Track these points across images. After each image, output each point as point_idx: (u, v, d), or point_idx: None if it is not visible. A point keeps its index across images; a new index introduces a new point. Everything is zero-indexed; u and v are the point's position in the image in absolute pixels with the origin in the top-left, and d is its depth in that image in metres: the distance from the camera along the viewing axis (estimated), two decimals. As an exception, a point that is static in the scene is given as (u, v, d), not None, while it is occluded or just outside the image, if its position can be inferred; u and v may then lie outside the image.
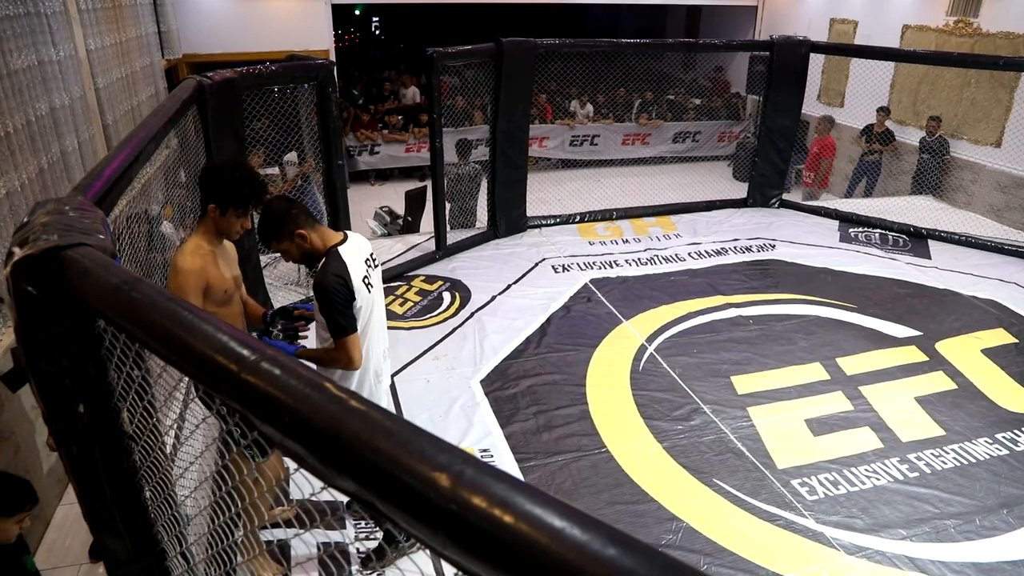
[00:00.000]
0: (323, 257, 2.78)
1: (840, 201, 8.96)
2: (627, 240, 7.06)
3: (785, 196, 8.04)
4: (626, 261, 6.53)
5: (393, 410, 3.31)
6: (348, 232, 2.95)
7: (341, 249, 2.80)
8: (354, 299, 2.76)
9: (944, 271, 6.37)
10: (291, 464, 0.90)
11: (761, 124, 7.76)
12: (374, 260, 3.00)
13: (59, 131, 5.45)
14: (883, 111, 9.65)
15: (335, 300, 2.70)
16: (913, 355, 4.96)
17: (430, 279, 6.08)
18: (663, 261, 6.52)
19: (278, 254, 2.88)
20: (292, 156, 6.20)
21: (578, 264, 6.45)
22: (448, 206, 6.83)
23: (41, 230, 1.36)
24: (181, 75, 10.34)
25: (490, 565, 0.66)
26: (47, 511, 4.62)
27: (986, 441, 4.12)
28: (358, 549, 3.29)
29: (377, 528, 3.35)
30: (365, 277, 2.85)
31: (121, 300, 1.15)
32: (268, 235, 2.80)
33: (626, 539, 0.63)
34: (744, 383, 4.63)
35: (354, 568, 3.21)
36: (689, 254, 6.70)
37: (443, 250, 6.47)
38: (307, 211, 2.84)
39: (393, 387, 4.56)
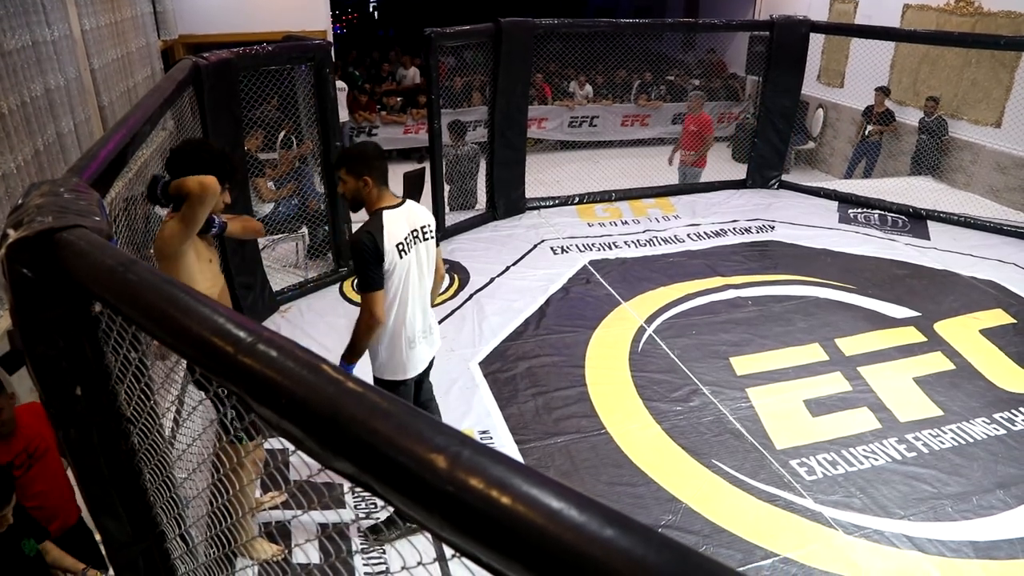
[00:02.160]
0: (370, 212, 3.00)
1: (839, 182, 8.93)
2: (626, 222, 7.05)
3: (784, 177, 8.02)
4: (625, 243, 6.52)
5: (425, 385, 3.50)
6: (409, 201, 3.12)
7: (387, 213, 2.97)
8: (383, 260, 2.92)
9: (943, 252, 6.37)
10: (289, 446, 0.89)
11: (760, 105, 7.73)
12: (425, 232, 3.13)
13: (54, 112, 5.41)
14: (882, 91, 9.60)
15: (364, 256, 2.90)
16: (911, 336, 4.96)
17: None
18: (662, 243, 6.51)
19: (339, 186, 3.09)
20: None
21: (577, 246, 6.44)
22: (447, 187, 6.81)
23: (36, 212, 1.35)
24: (177, 56, 10.26)
25: (487, 546, 0.66)
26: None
27: (984, 421, 4.13)
28: (359, 528, 3.31)
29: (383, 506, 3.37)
30: (402, 244, 2.98)
31: (117, 282, 1.14)
32: (349, 161, 2.98)
33: (623, 519, 0.63)
34: (743, 364, 4.64)
35: (358, 540, 3.23)
36: (688, 235, 6.69)
37: (442, 232, 6.45)
38: (386, 170, 3.05)
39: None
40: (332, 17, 11.79)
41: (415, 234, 3.07)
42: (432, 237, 3.19)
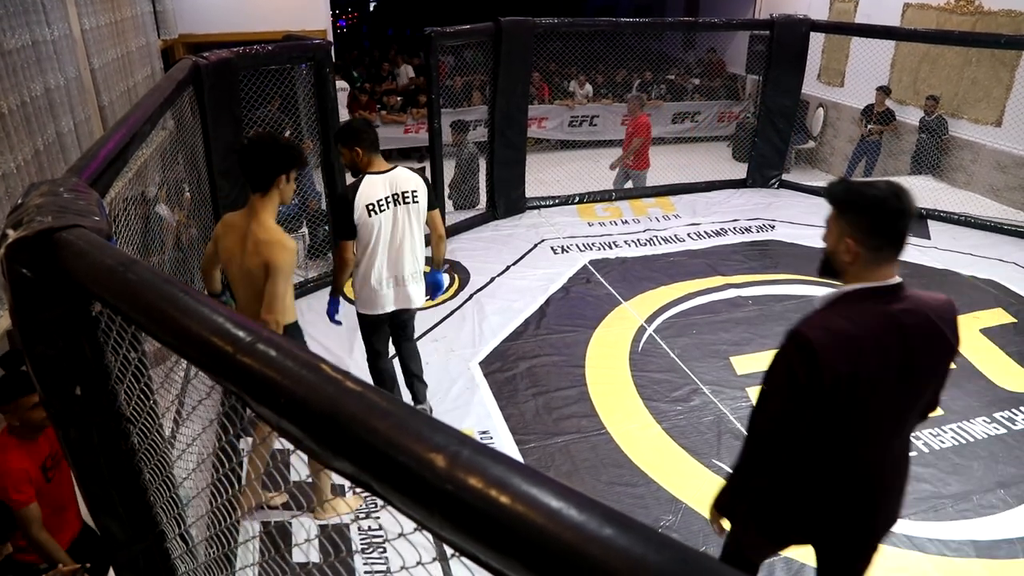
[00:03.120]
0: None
1: (840, 181, 8.91)
2: (626, 221, 7.05)
3: (785, 176, 8.02)
4: (625, 242, 6.52)
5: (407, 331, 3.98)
6: (399, 168, 3.58)
7: (368, 177, 3.49)
8: (352, 214, 3.44)
9: (943, 251, 6.37)
10: (289, 446, 0.89)
11: (761, 104, 7.73)
12: (406, 196, 3.54)
13: (54, 112, 5.41)
14: (882, 90, 9.59)
15: (336, 208, 3.49)
16: (912, 335, 4.95)
17: (428, 260, 6.06)
18: (662, 242, 6.51)
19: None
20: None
21: (577, 245, 6.44)
22: (458, 188, 6.82)
23: (35, 211, 1.35)
24: (177, 55, 10.26)
25: (487, 545, 0.66)
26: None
27: (984, 420, 4.13)
28: (359, 527, 3.31)
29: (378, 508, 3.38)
30: (373, 205, 3.46)
31: (116, 281, 1.14)
32: (342, 136, 3.53)
33: (622, 519, 0.62)
34: (743, 363, 4.64)
35: (358, 540, 3.23)
36: (688, 235, 6.69)
37: (442, 231, 6.45)
38: (376, 140, 3.55)
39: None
40: (334, 16, 11.78)
41: (396, 197, 3.52)
42: (418, 201, 3.59)
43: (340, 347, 4.80)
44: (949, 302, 2.11)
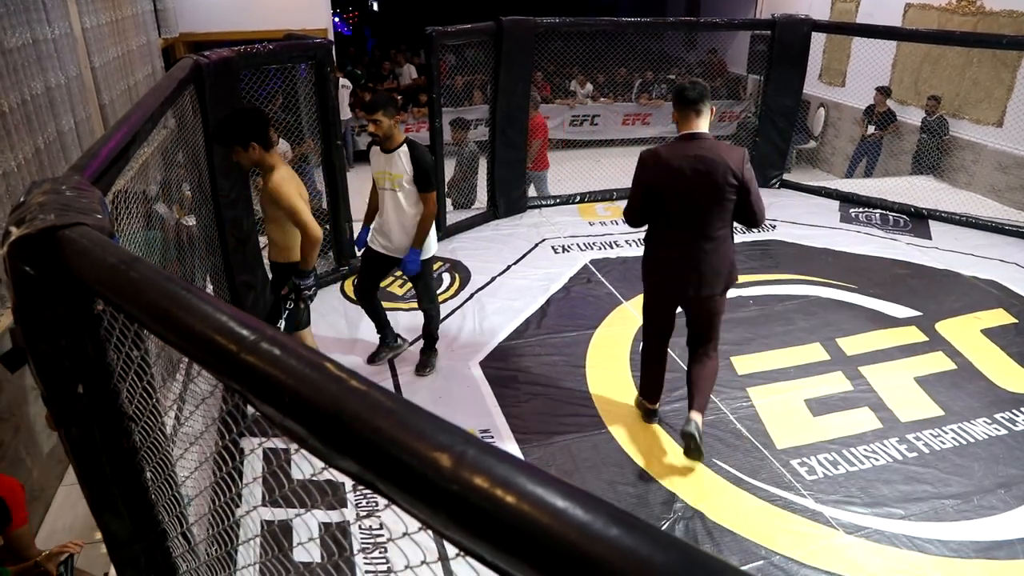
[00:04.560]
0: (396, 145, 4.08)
1: (841, 181, 8.93)
2: (627, 221, 7.04)
3: (786, 176, 8.02)
4: (626, 241, 6.51)
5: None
6: (402, 149, 4.07)
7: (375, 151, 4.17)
8: None
9: (945, 251, 6.36)
10: (292, 444, 0.89)
11: (762, 104, 7.72)
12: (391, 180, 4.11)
13: (55, 111, 5.42)
14: (882, 91, 9.59)
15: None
16: (913, 335, 4.96)
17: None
18: (663, 242, 6.50)
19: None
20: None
21: (578, 245, 6.44)
22: (458, 187, 6.82)
23: (38, 209, 1.35)
24: (178, 54, 10.26)
25: (492, 545, 0.66)
26: (47, 492, 4.64)
27: (985, 421, 4.12)
28: (360, 525, 3.31)
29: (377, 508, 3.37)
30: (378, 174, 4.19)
31: (119, 279, 1.14)
32: (390, 103, 4.05)
33: (628, 518, 0.62)
34: (744, 363, 4.64)
35: (360, 539, 3.23)
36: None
37: (443, 231, 6.45)
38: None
39: (393, 368, 4.57)
40: (337, 16, 11.77)
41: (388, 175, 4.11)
42: (397, 188, 4.10)
43: (341, 347, 4.81)
44: (739, 149, 3.48)
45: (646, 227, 3.66)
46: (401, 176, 4.06)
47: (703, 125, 3.42)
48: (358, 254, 4.59)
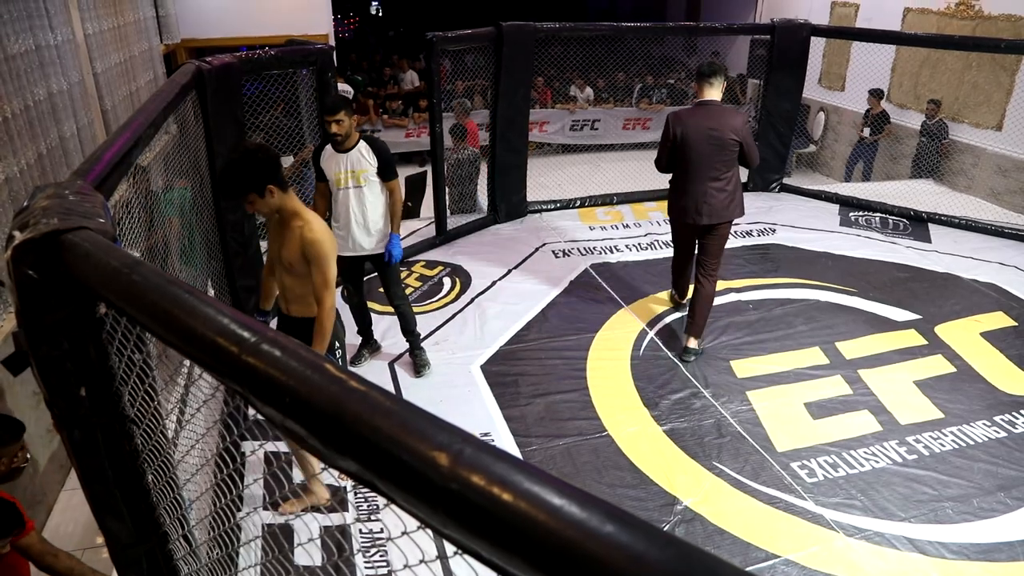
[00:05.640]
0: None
1: (840, 185, 8.94)
2: (627, 225, 7.06)
3: (785, 180, 8.03)
4: (626, 246, 6.53)
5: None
6: (365, 136, 4.19)
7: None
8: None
9: (944, 255, 6.37)
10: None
11: (761, 108, 7.73)
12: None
13: (57, 116, 5.44)
14: (875, 94, 9.61)
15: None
16: (912, 339, 4.97)
17: (430, 264, 6.09)
18: (664, 246, 6.51)
19: None
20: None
21: (578, 249, 6.45)
22: (448, 191, 6.82)
23: (41, 214, 1.36)
24: (180, 60, 10.29)
25: (490, 543, 0.67)
26: (50, 496, 4.64)
27: (984, 424, 4.13)
28: (360, 529, 3.31)
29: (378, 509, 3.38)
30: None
31: (121, 283, 1.15)
32: (342, 104, 4.04)
33: (624, 516, 0.63)
34: (744, 367, 4.65)
35: (360, 540, 3.23)
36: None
37: (443, 235, 6.46)
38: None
39: (393, 372, 4.58)
40: (335, 22, 11.80)
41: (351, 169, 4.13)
42: (363, 183, 4.14)
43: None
44: (741, 114, 4.70)
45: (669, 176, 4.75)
46: (366, 171, 4.10)
47: (715, 95, 4.48)
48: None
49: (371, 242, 4.27)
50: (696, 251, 4.81)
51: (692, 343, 4.73)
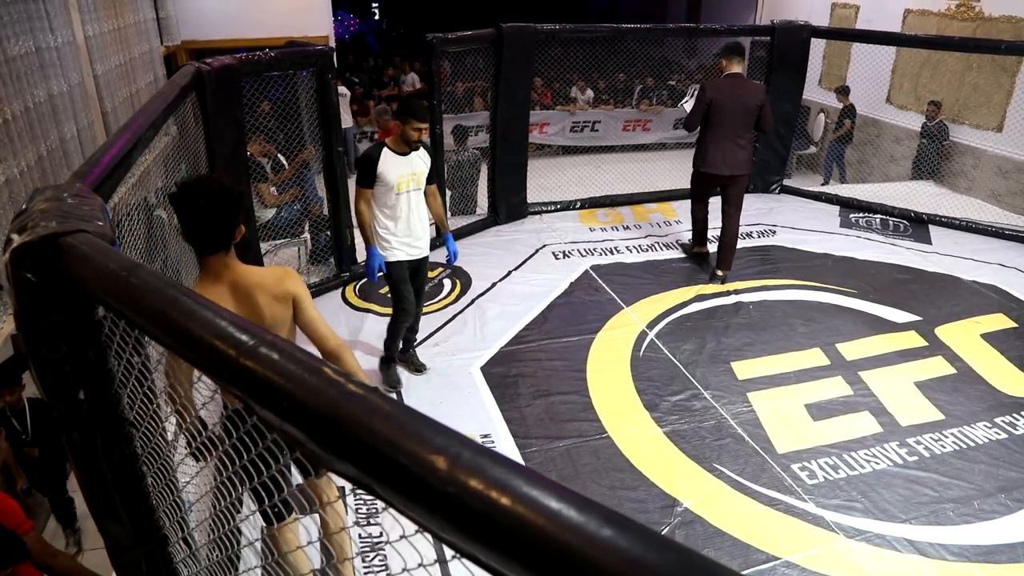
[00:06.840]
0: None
1: (841, 187, 8.94)
2: (628, 226, 7.06)
3: (786, 181, 8.03)
4: (627, 247, 6.52)
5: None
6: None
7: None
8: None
9: (945, 256, 6.37)
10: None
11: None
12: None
13: (57, 118, 5.44)
14: (841, 90, 9.90)
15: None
16: (913, 340, 4.96)
17: (431, 266, 6.07)
18: (664, 247, 6.51)
19: None
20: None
21: (579, 250, 6.45)
22: (448, 193, 6.82)
23: (40, 217, 1.36)
24: (180, 62, 10.30)
25: (488, 547, 0.67)
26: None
27: (985, 425, 4.13)
28: (359, 534, 3.31)
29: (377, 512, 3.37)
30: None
31: (120, 286, 1.15)
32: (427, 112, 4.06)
33: (622, 520, 0.63)
34: (744, 368, 4.64)
35: (358, 542, 3.23)
36: (690, 240, 6.68)
37: (444, 236, 6.45)
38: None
39: (394, 373, 4.58)
40: (334, 22, 11.80)
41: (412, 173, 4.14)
42: (421, 186, 4.16)
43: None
44: (761, 86, 5.89)
45: (695, 135, 5.66)
46: (423, 173, 4.15)
47: (740, 68, 5.48)
48: (376, 280, 4.24)
49: (427, 244, 4.35)
50: (721, 202, 5.72)
51: (720, 272, 5.73)
